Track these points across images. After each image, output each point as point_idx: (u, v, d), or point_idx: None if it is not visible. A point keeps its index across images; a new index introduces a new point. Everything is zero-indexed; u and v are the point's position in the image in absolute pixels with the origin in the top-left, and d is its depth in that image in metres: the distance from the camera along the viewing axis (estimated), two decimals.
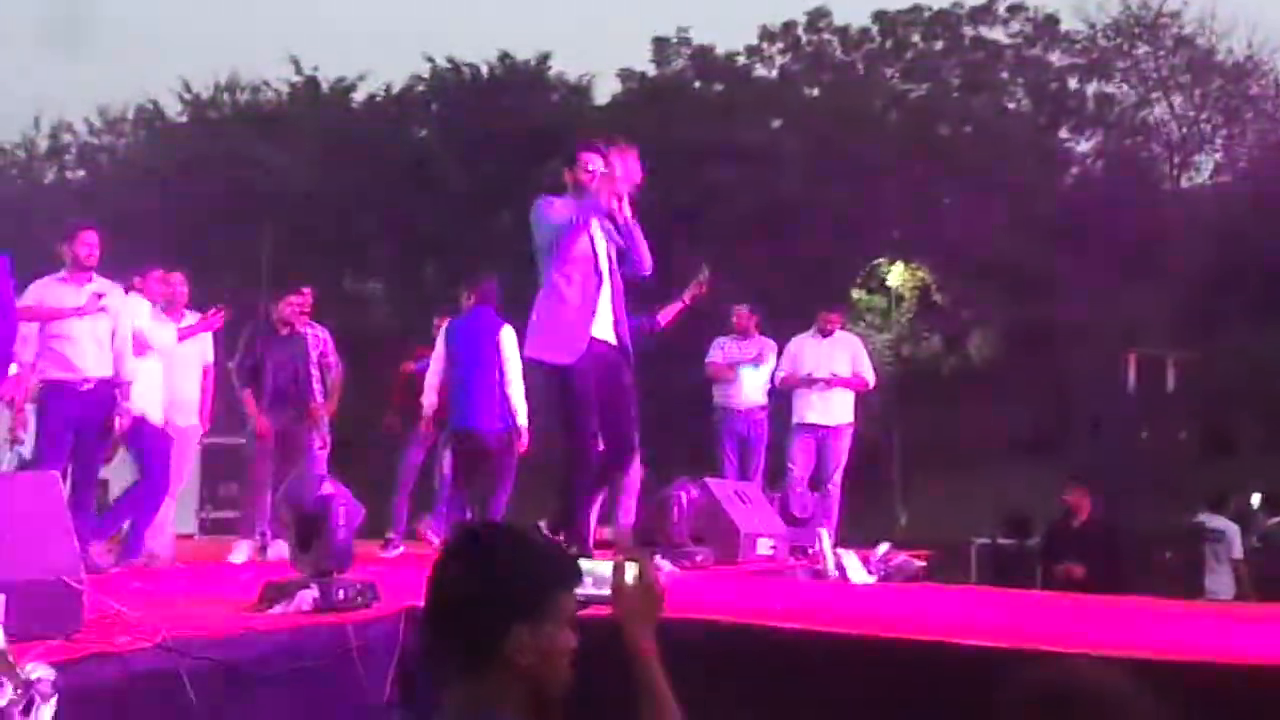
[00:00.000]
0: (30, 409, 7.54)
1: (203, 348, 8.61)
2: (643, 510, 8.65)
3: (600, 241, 6.34)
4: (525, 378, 8.12)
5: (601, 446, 6.48)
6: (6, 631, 3.74)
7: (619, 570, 2.62)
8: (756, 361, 10.25)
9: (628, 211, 6.38)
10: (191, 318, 8.59)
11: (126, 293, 8.01)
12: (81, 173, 38.85)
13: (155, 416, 7.96)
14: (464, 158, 32.00)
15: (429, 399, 8.87)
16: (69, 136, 39.00)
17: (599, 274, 6.28)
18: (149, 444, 7.88)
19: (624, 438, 6.45)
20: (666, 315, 9.26)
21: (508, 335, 8.39)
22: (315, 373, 8.96)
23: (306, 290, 9.33)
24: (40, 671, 3.65)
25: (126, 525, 8.01)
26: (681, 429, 14.03)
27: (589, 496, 6.62)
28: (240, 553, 8.41)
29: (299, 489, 5.43)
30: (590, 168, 6.34)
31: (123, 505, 8.07)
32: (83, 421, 7.29)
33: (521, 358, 6.64)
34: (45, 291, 7.28)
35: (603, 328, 6.28)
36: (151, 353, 7.98)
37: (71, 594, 4.38)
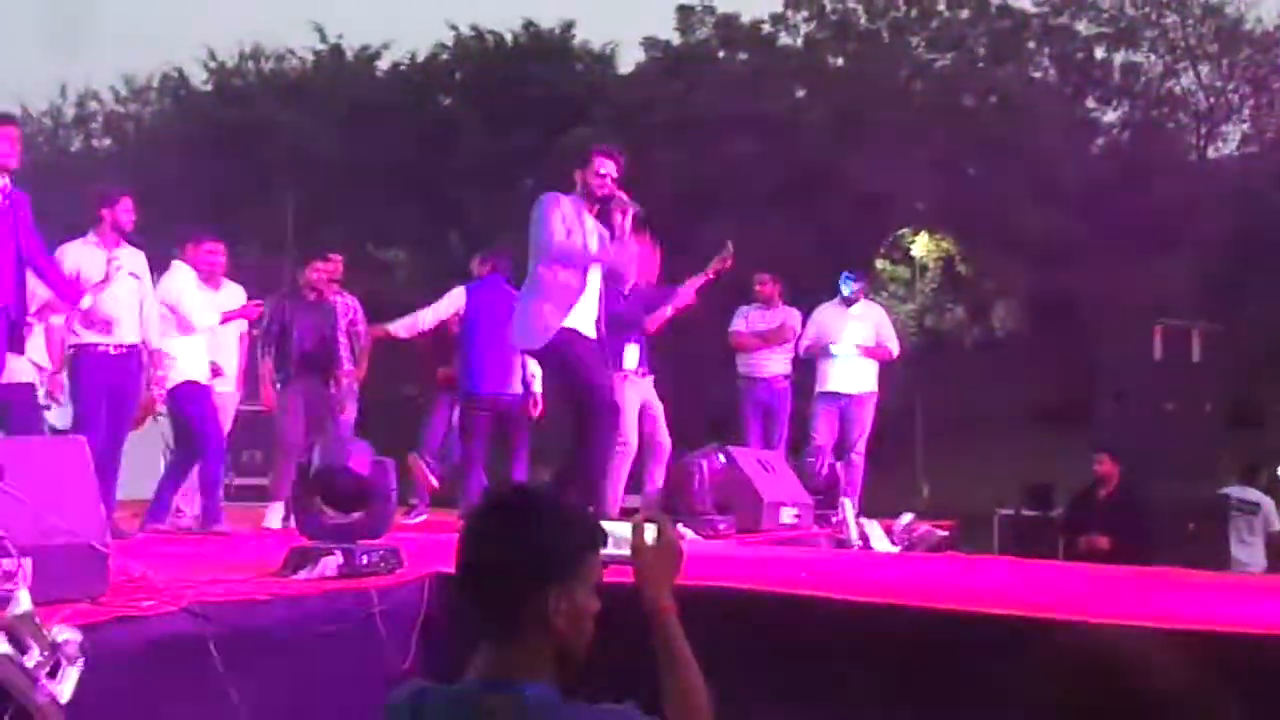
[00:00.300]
0: (62, 375, 7.57)
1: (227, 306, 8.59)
2: (667, 478, 8.67)
3: (592, 239, 6.52)
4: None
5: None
6: (33, 595, 3.76)
7: (638, 531, 2.63)
8: (783, 342, 10.25)
9: (628, 227, 6.62)
10: (230, 287, 8.60)
11: (171, 262, 8.08)
12: (108, 141, 38.95)
13: (201, 378, 8.01)
14: (487, 126, 31.96)
15: (403, 330, 9.06)
16: (95, 105, 39.12)
17: (584, 277, 6.49)
18: (195, 409, 7.91)
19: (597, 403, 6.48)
20: (691, 288, 9.26)
21: None
22: (344, 339, 8.98)
23: (335, 257, 9.36)
24: (67, 634, 3.67)
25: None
26: (705, 398, 14.03)
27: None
28: (274, 517, 8.46)
29: (334, 453, 5.44)
30: (603, 171, 6.56)
31: (168, 473, 8.11)
32: (115, 387, 7.32)
33: (513, 344, 6.75)
34: (80, 255, 7.30)
35: (581, 321, 6.47)
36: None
37: (97, 558, 4.41)
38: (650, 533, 2.63)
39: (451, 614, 4.86)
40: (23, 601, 3.68)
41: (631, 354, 9.13)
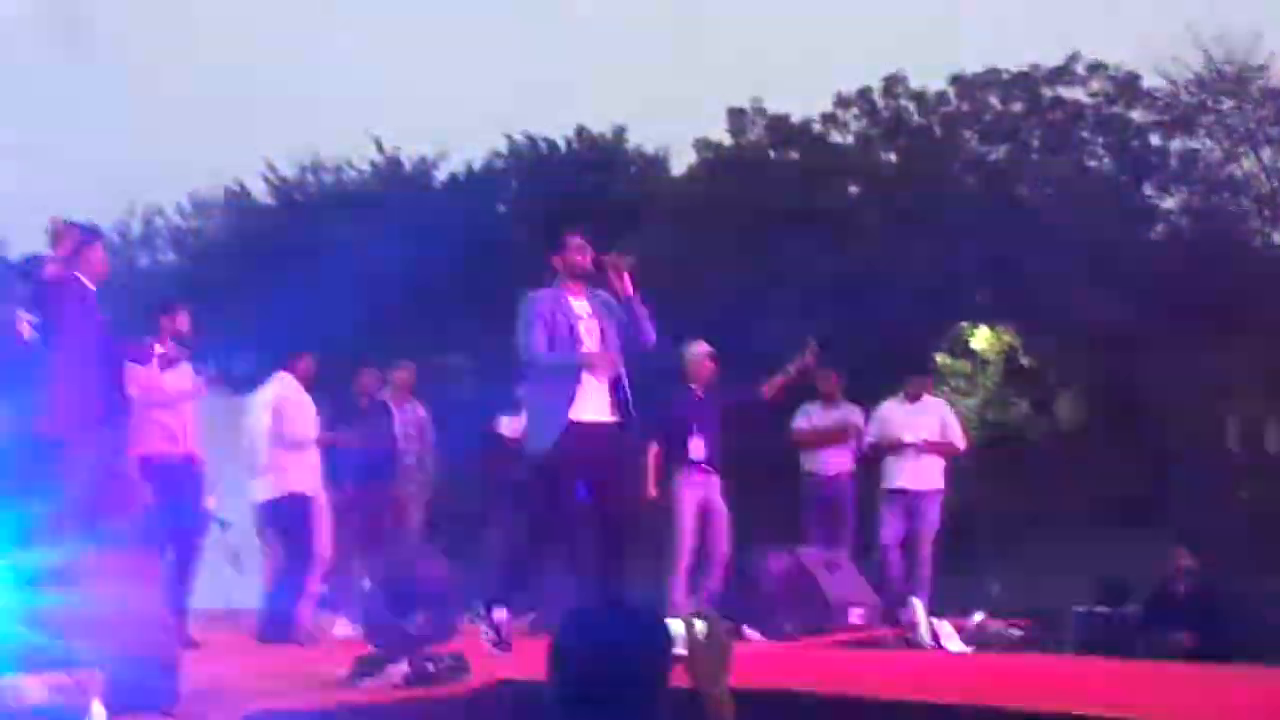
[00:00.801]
0: None
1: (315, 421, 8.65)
2: (731, 577, 8.59)
3: (585, 325, 6.66)
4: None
5: (599, 517, 6.73)
6: (106, 707, 3.75)
7: (689, 628, 2.61)
8: (846, 440, 10.18)
9: (629, 285, 6.74)
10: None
11: (277, 372, 8.23)
12: (172, 256, 39.60)
13: (307, 490, 8.07)
14: (543, 232, 32.26)
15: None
16: (160, 221, 39.82)
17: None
18: (294, 522, 7.97)
19: (613, 510, 6.61)
20: (771, 388, 9.32)
21: None
22: (403, 446, 9.02)
23: (407, 364, 9.43)
24: None
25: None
26: (767, 496, 13.94)
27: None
28: (343, 627, 8.44)
29: (401, 563, 5.45)
30: (577, 246, 6.81)
31: (284, 586, 8.13)
32: (178, 498, 7.37)
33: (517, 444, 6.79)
34: (151, 371, 7.39)
35: (589, 410, 6.50)
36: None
37: (168, 670, 4.40)
38: (700, 628, 2.61)
39: None
40: (95, 714, 3.67)
41: (697, 447, 9.12)
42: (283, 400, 8.14)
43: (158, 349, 7.46)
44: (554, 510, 6.43)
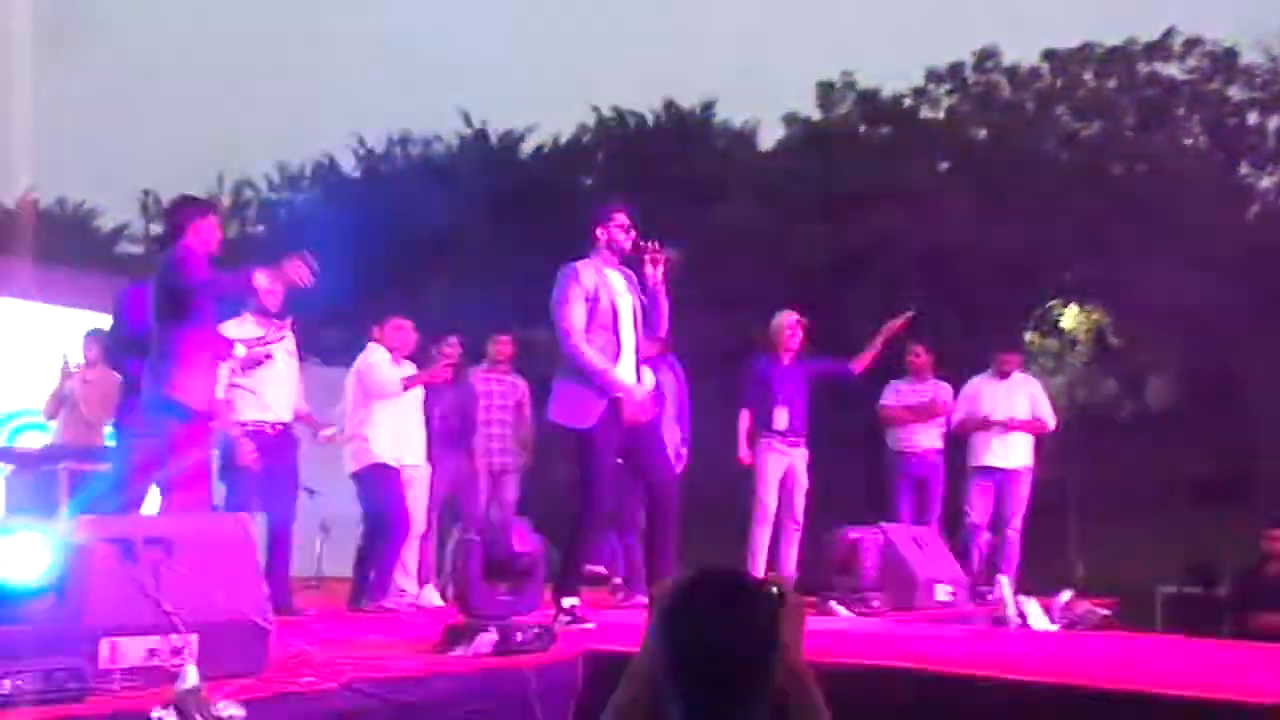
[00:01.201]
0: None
1: (417, 390, 8.65)
2: (818, 553, 8.58)
3: (624, 302, 6.62)
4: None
5: (643, 494, 6.88)
6: (199, 670, 3.82)
7: None
8: (935, 416, 10.09)
9: (660, 276, 6.74)
10: (408, 366, 8.72)
11: (368, 341, 8.29)
12: (261, 228, 40.11)
13: (392, 461, 8.14)
14: (630, 205, 32.27)
15: None
16: (250, 193, 40.34)
17: (618, 337, 6.55)
18: (381, 491, 8.05)
19: (658, 481, 6.65)
20: (862, 361, 9.24)
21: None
22: (500, 418, 9.03)
23: (504, 339, 9.48)
24: (231, 710, 3.72)
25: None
26: (855, 471, 13.88)
27: (587, 553, 6.79)
28: (433, 594, 8.51)
29: (493, 534, 5.48)
30: (625, 224, 6.83)
31: (373, 555, 8.21)
32: (272, 466, 7.46)
33: (550, 419, 6.75)
34: (238, 332, 7.48)
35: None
36: (387, 400, 8.16)
37: (260, 634, 4.47)
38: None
39: (607, 693, 4.84)
40: (190, 677, 3.74)
41: (781, 416, 9.08)
42: (368, 369, 8.20)
43: (249, 320, 7.54)
44: (600, 484, 6.41)
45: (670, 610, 2.38)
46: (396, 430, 8.23)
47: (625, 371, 6.54)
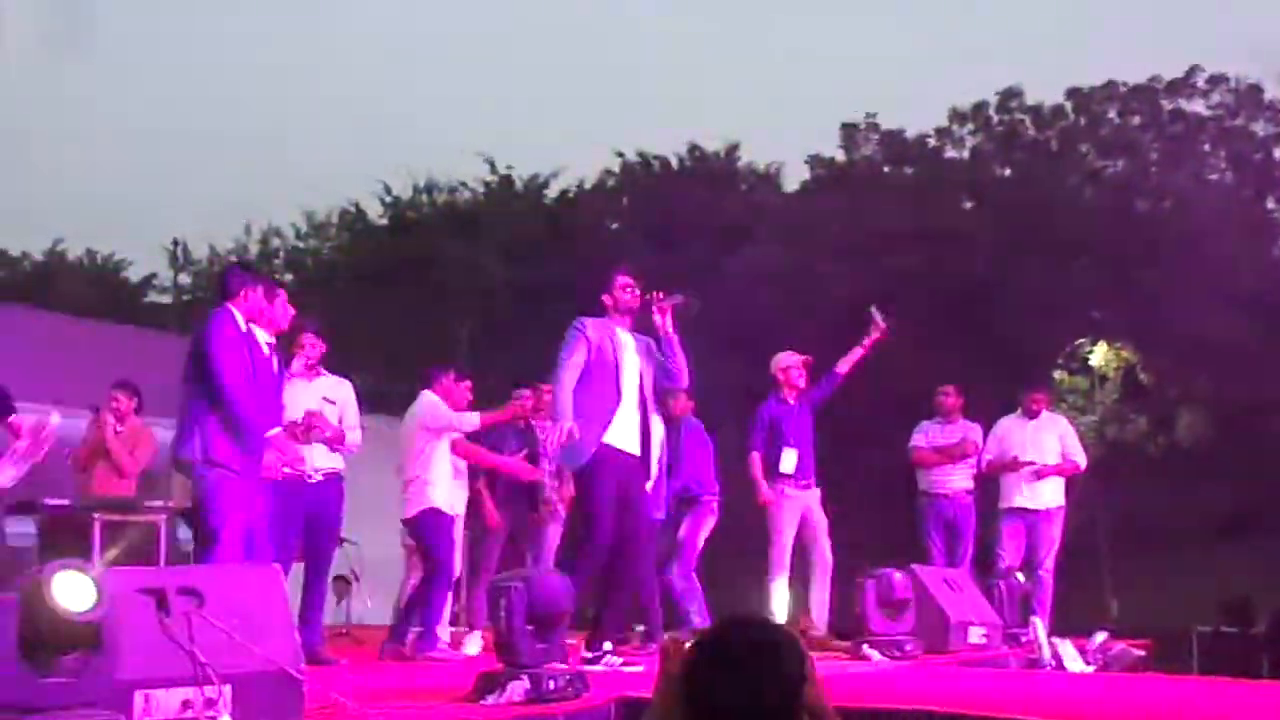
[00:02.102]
0: None
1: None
2: (846, 599, 8.52)
3: (629, 360, 6.83)
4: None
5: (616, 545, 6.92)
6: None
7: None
8: (965, 457, 10.04)
9: (669, 325, 6.90)
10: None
11: (421, 391, 8.32)
12: (289, 276, 40.34)
13: (446, 508, 8.15)
14: (654, 249, 32.36)
15: None
16: (277, 241, 40.58)
17: (618, 390, 6.76)
18: (434, 538, 8.05)
19: (634, 534, 6.79)
20: (845, 364, 9.20)
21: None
22: (547, 465, 9.02)
23: (546, 388, 9.49)
24: None
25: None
26: (885, 515, 13.83)
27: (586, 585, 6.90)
28: (474, 644, 8.45)
29: (542, 582, 5.47)
30: (626, 285, 6.91)
31: (417, 600, 8.19)
32: (313, 515, 7.46)
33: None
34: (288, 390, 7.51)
35: (620, 437, 6.73)
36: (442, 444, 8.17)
37: (293, 684, 4.47)
38: None
39: None
40: None
41: (788, 459, 9.01)
42: (433, 407, 8.26)
43: (295, 365, 7.58)
44: (600, 518, 6.62)
45: (700, 661, 2.39)
46: (451, 478, 8.24)
47: (624, 424, 6.75)
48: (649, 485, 7.08)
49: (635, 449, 6.81)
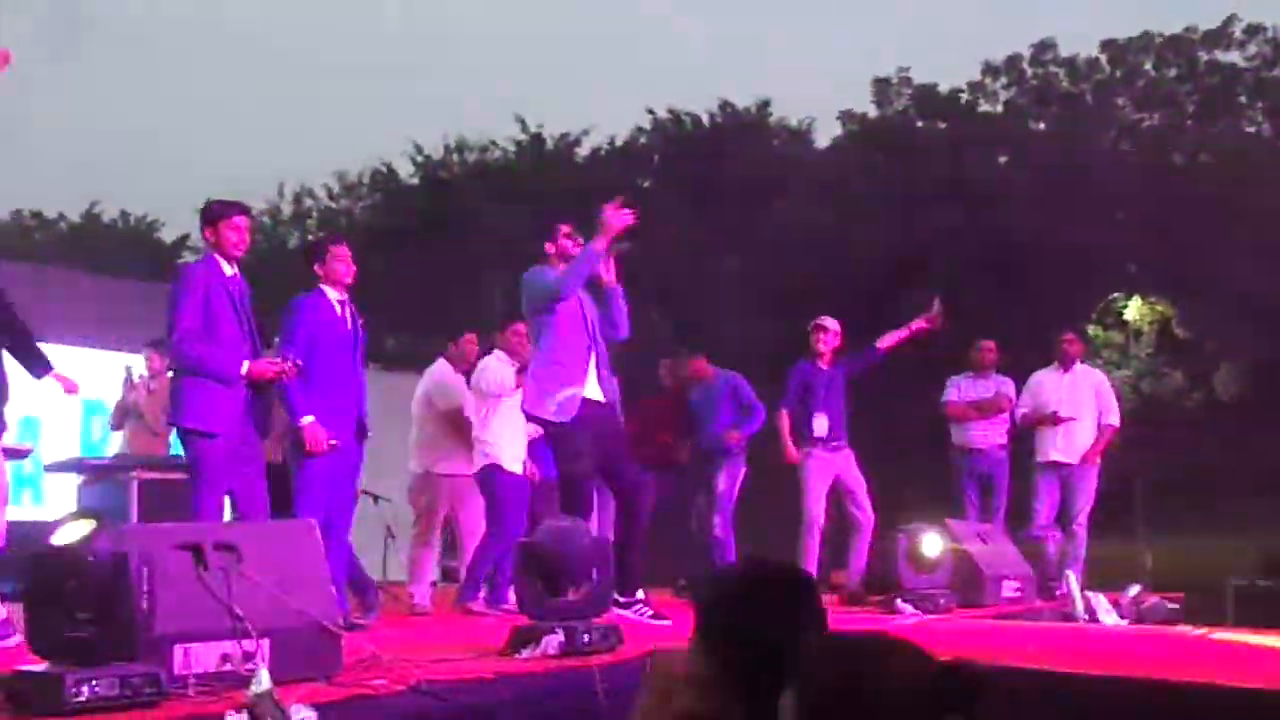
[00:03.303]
0: None
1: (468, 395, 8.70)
2: (882, 551, 8.54)
3: (589, 307, 6.99)
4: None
5: (614, 497, 7.46)
6: (272, 674, 3.86)
7: None
8: (1000, 412, 10.01)
9: (611, 273, 7.03)
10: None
11: (488, 352, 8.38)
12: (322, 235, 40.43)
13: (510, 465, 8.20)
14: (687, 206, 32.29)
15: None
16: (310, 201, 40.69)
17: (590, 336, 6.95)
18: (502, 492, 8.10)
19: (631, 482, 7.08)
20: (887, 341, 9.23)
21: None
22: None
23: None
24: (304, 713, 3.76)
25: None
26: (919, 470, 13.81)
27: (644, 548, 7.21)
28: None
29: (558, 534, 5.50)
30: (568, 233, 7.16)
31: (481, 557, 8.26)
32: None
33: (523, 411, 7.19)
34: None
35: (592, 388, 6.89)
36: (504, 402, 8.21)
37: (331, 637, 4.52)
38: None
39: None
40: (263, 680, 3.78)
41: (820, 423, 9.04)
42: (480, 373, 8.33)
43: None
44: (577, 476, 6.81)
45: (734, 597, 2.43)
46: (506, 434, 8.28)
47: (594, 371, 6.92)
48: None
49: (602, 396, 6.95)
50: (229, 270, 6.31)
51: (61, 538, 3.93)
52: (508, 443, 8.23)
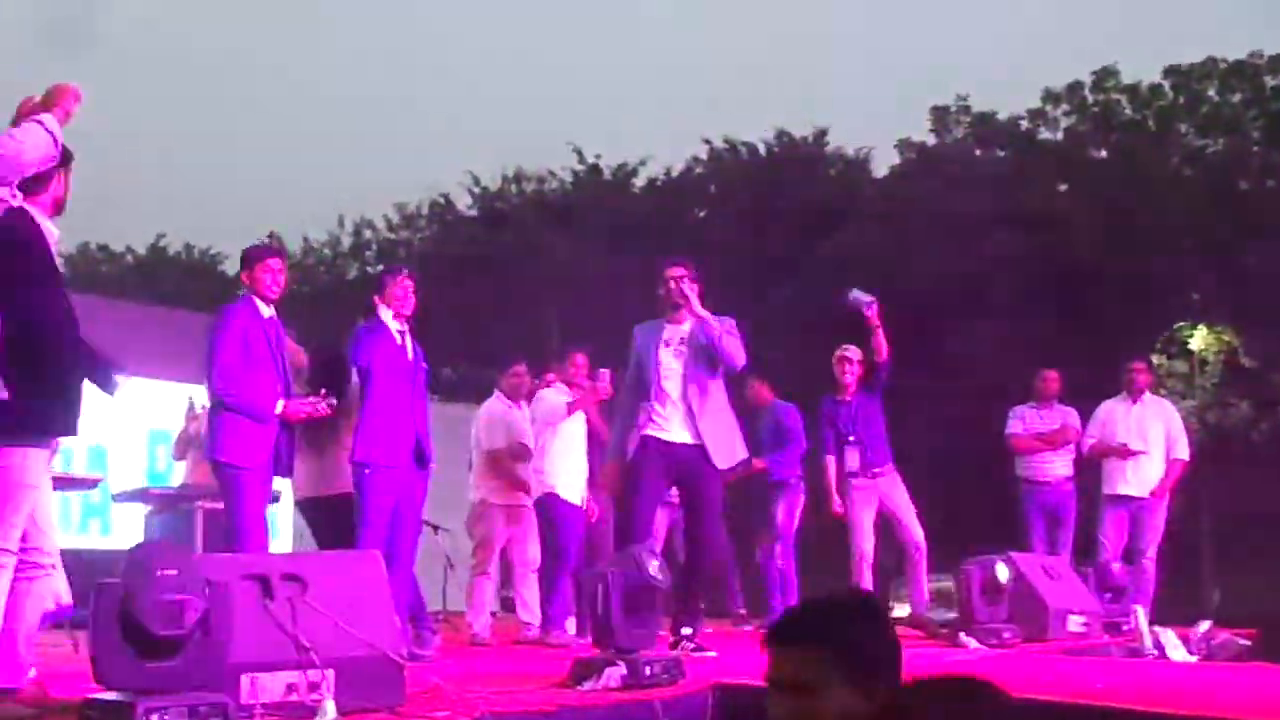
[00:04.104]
0: None
1: (527, 425, 8.76)
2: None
3: (671, 353, 7.11)
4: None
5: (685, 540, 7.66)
6: (336, 704, 3.87)
7: None
8: (1067, 443, 9.91)
9: (699, 310, 7.12)
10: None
11: (546, 386, 8.45)
12: (380, 267, 40.67)
13: (566, 494, 8.25)
14: (743, 235, 32.24)
15: None
16: (370, 233, 40.99)
17: (655, 385, 7.06)
18: (559, 521, 8.17)
19: (700, 540, 7.14)
20: (879, 352, 8.92)
21: None
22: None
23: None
24: None
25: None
26: (982, 500, 13.69)
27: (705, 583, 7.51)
28: (570, 628, 8.52)
29: (621, 566, 5.49)
30: (668, 278, 7.22)
31: (548, 590, 8.32)
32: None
33: None
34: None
35: (660, 429, 7.01)
36: (563, 432, 8.28)
37: (395, 669, 4.52)
38: None
39: None
40: (328, 711, 3.79)
41: (851, 457, 8.88)
42: (536, 403, 8.41)
43: None
44: (633, 512, 6.97)
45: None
46: (564, 464, 8.32)
47: (664, 414, 7.04)
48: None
49: (685, 438, 7.00)
50: (266, 311, 6.52)
51: (129, 567, 3.95)
52: (565, 472, 8.26)
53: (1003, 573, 7.99)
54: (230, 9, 61.38)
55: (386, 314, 7.02)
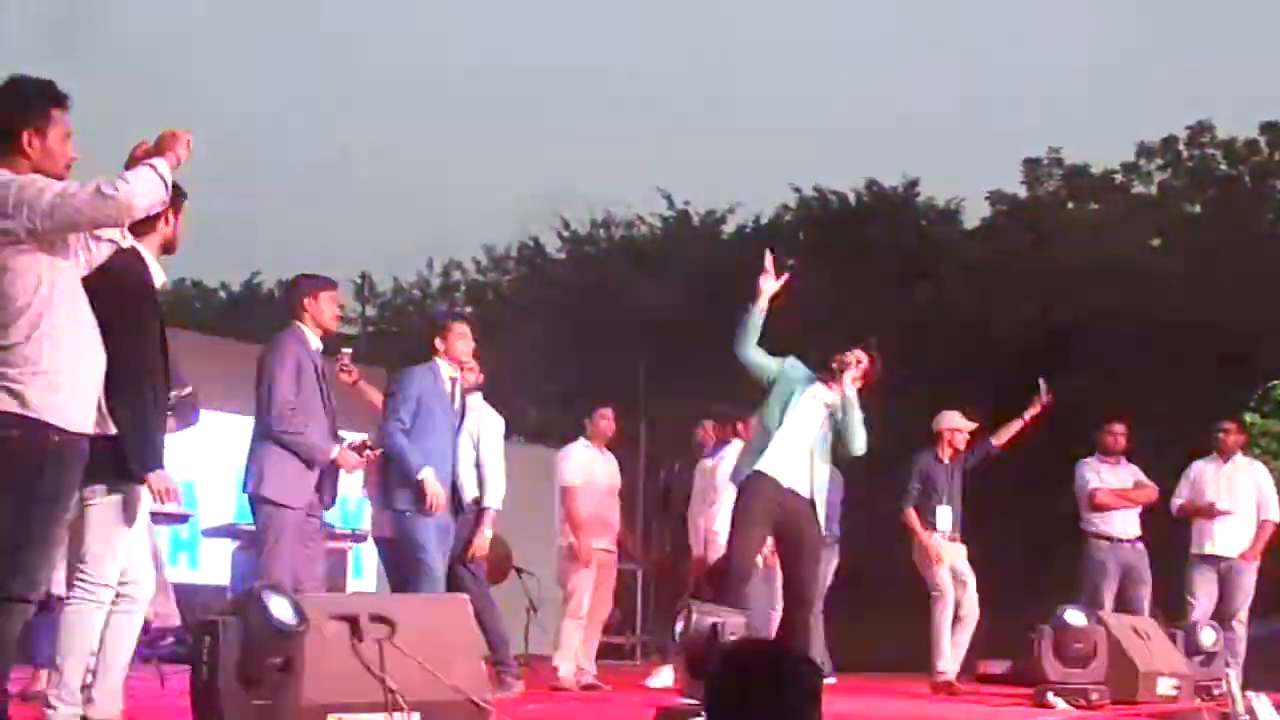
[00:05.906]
0: None
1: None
2: (1027, 644, 8.40)
3: (808, 408, 7.46)
4: None
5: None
6: None
7: None
8: (1148, 500, 9.88)
9: (849, 390, 7.50)
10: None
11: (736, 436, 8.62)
12: (469, 308, 41.00)
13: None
14: (832, 284, 32.15)
15: None
16: (459, 274, 41.30)
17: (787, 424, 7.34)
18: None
19: (800, 590, 7.30)
20: (1003, 437, 9.33)
21: None
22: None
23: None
24: None
25: None
26: (1055, 557, 13.52)
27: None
28: (663, 677, 8.52)
29: (707, 614, 5.50)
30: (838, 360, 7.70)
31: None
32: (459, 546, 7.60)
33: None
34: None
35: (784, 472, 7.23)
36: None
37: (480, 713, 4.55)
38: None
39: None
40: None
41: (944, 516, 9.23)
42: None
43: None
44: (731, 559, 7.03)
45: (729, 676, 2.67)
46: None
47: (789, 459, 7.23)
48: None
49: (804, 489, 7.17)
50: (316, 343, 6.54)
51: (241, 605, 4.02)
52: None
53: (1075, 618, 7.95)
54: (322, 41, 62.45)
55: (442, 359, 7.08)
